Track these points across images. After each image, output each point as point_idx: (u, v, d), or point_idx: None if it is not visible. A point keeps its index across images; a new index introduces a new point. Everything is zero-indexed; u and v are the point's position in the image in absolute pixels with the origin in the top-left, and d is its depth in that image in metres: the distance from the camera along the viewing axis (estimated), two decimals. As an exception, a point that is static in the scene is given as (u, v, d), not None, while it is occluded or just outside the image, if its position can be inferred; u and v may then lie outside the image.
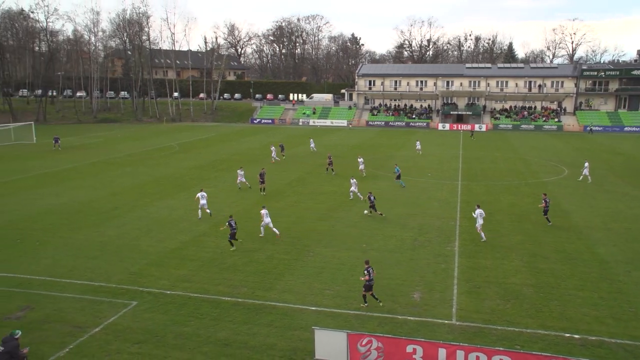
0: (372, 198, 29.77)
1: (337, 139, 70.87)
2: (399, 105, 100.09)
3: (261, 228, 26.00)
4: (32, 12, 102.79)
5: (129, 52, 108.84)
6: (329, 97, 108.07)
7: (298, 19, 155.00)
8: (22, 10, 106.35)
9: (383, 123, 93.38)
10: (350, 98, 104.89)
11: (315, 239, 25.82)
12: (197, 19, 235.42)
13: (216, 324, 16.89)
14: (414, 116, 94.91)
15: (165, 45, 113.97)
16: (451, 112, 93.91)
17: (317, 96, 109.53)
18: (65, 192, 35.66)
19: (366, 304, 18.14)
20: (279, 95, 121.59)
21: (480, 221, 25.34)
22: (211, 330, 16.48)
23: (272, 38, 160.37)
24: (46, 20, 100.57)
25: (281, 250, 24.02)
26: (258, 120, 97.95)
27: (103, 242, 24.85)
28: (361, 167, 43.12)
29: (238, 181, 37.16)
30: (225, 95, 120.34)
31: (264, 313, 17.66)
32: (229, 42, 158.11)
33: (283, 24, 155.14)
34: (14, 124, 68.43)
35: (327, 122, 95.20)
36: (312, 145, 58.26)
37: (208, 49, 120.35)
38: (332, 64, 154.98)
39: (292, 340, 15.91)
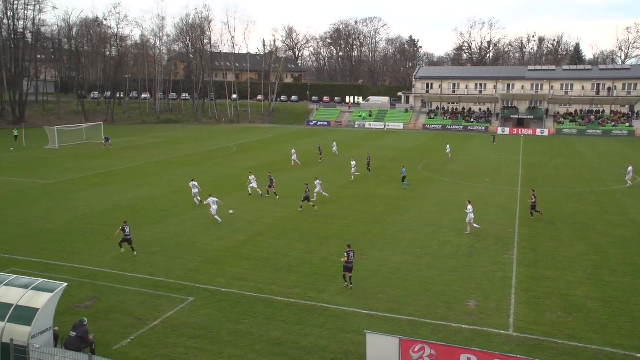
0: (307, 190, 31.97)
1: (392, 142, 70.22)
2: (456, 109, 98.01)
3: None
4: (105, 20, 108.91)
5: (191, 56, 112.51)
6: (385, 99, 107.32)
7: (356, 22, 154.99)
8: (97, 18, 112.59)
9: (440, 126, 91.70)
10: (407, 101, 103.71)
11: (369, 242, 25.68)
12: (256, 23, 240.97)
13: (269, 323, 17.11)
14: (472, 120, 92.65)
15: (226, 49, 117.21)
16: (511, 116, 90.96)
17: (373, 99, 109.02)
18: (130, 190, 37.23)
19: (345, 284, 20.01)
20: (336, 98, 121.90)
21: (471, 216, 26.79)
22: (264, 329, 16.71)
23: (329, 41, 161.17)
24: (117, 26, 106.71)
25: (335, 252, 24.04)
26: (314, 122, 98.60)
27: (163, 239, 25.75)
28: (353, 169, 43.14)
29: (250, 187, 35.57)
30: (282, 98, 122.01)
31: (316, 314, 17.71)
32: (287, 45, 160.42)
33: (341, 27, 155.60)
34: (86, 124, 72.20)
35: (383, 125, 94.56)
36: (335, 148, 57.56)
37: (266, 51, 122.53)
38: (389, 67, 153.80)
39: (343, 343, 15.88)
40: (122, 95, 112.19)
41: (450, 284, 20.40)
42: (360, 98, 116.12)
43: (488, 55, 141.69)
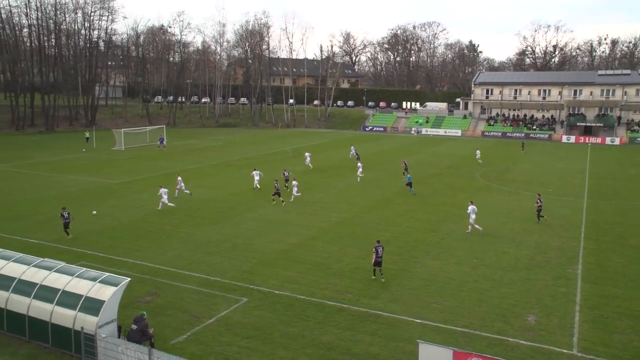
0: (276, 185, 34.46)
1: (449, 149, 68.91)
2: (517, 115, 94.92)
3: None
4: (170, 27, 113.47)
5: (250, 61, 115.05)
6: (443, 105, 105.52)
7: (414, 27, 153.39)
8: (162, 26, 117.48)
9: (500, 134, 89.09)
10: (466, 107, 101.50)
11: (424, 250, 25.33)
12: (314, 28, 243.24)
13: (321, 327, 17.21)
14: (534, 127, 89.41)
15: (283, 54, 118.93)
16: (578, 124, 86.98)
17: (430, 104, 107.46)
18: (190, 190, 38.44)
19: (374, 277, 21.12)
20: (392, 103, 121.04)
21: (473, 216, 27.70)
22: (316, 333, 16.82)
23: (386, 46, 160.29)
24: (180, 33, 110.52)
25: (388, 259, 23.83)
26: (370, 127, 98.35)
27: (220, 240, 26.45)
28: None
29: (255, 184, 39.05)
30: (339, 103, 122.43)
31: (368, 321, 17.66)
32: (344, 50, 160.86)
33: (398, 32, 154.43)
34: (150, 127, 75.26)
35: (440, 132, 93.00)
36: (353, 151, 57.35)
37: (323, 57, 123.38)
38: (448, 72, 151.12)
39: (395, 351, 15.74)
40: (183, 100, 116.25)
41: (507, 296, 19.79)
42: (417, 104, 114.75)
43: (553, 60, 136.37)
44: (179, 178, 36.53)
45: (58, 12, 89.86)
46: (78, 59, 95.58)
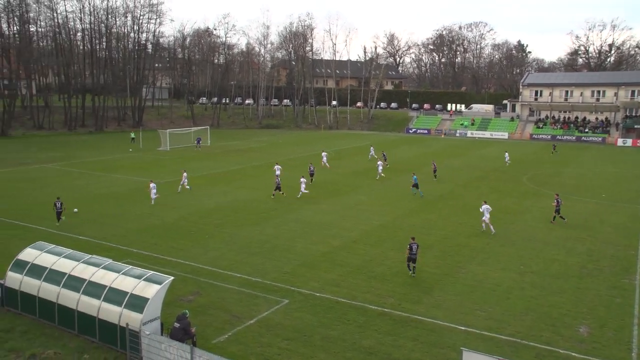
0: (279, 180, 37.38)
1: (495, 152, 67.26)
2: (568, 118, 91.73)
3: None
4: (215, 29, 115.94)
5: (293, 63, 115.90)
6: (489, 107, 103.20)
7: (460, 27, 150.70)
8: (208, 28, 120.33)
9: (549, 137, 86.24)
10: (513, 109, 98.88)
11: (468, 255, 24.79)
12: (357, 30, 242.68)
13: (362, 331, 17.07)
14: (586, 130, 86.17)
15: (327, 56, 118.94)
16: (635, 126, 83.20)
17: (476, 106, 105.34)
18: (232, 192, 39.09)
19: (410, 272, 21.81)
20: (436, 105, 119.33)
21: (487, 215, 28.32)
22: (356, 336, 16.70)
23: (431, 47, 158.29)
24: (225, 35, 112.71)
25: (431, 263, 23.48)
26: (413, 130, 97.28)
27: (261, 241, 26.69)
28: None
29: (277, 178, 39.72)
30: (382, 104, 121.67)
31: (410, 327, 17.39)
32: (387, 51, 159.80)
33: (444, 33, 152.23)
34: (194, 128, 76.92)
35: (486, 134, 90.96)
36: (372, 152, 58.41)
37: (367, 58, 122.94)
38: (495, 73, 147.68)
39: (437, 358, 15.43)
40: (227, 101, 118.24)
41: (557, 305, 19.08)
42: (463, 106, 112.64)
43: (608, 60, 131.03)
44: (185, 174, 38.29)
45: (109, 16, 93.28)
46: (127, 61, 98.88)
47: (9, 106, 78.50)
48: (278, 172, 41.89)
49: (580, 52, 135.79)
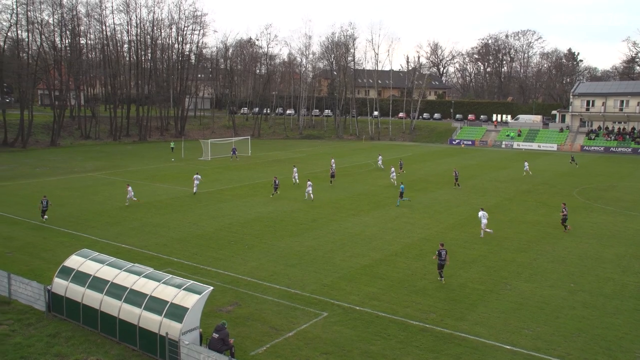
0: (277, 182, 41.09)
1: (544, 164, 65.40)
2: (624, 129, 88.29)
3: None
4: (257, 40, 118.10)
5: (335, 73, 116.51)
6: (537, 118, 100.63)
7: (507, 36, 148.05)
8: (250, 38, 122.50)
9: (602, 148, 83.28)
10: (563, 120, 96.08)
11: (514, 271, 24.09)
12: (400, 39, 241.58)
13: (402, 347, 16.80)
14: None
15: (369, 66, 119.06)
16: (695, 138, 79.33)
17: (523, 117, 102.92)
18: (272, 202, 39.41)
19: (440, 279, 22.56)
20: (481, 116, 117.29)
21: (484, 221, 29.67)
22: (397, 352, 16.44)
23: (476, 56, 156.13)
24: (267, 46, 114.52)
25: (475, 279, 22.95)
26: (457, 141, 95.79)
27: (301, 252, 26.75)
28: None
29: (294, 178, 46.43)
30: (425, 115, 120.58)
31: (453, 344, 17.00)
32: (431, 61, 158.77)
33: (489, 41, 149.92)
34: (235, 138, 78.16)
35: (534, 145, 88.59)
36: (380, 162, 59.60)
37: (410, 68, 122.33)
38: (543, 83, 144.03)
39: (482, 378, 14.99)
40: (268, 111, 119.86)
41: (613, 327, 18.26)
42: (509, 116, 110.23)
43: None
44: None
45: (155, 28, 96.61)
46: (170, 72, 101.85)
47: (59, 117, 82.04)
48: (296, 176, 47.44)
49: (637, 59, 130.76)
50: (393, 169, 49.71)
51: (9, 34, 78.62)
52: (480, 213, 30.17)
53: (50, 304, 18.75)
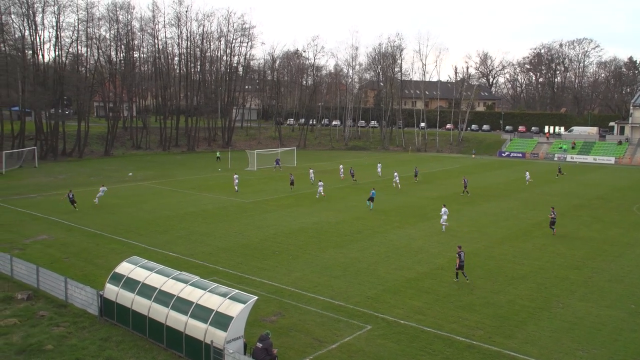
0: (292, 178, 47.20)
1: (599, 178, 62.92)
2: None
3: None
4: (304, 51, 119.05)
5: (382, 84, 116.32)
6: (593, 130, 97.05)
7: (561, 45, 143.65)
8: (297, 50, 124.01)
9: (665, 162, 79.40)
10: (622, 132, 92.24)
11: (567, 289, 23.25)
12: (448, 50, 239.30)
13: (448, 364, 16.49)
14: None
15: (416, 76, 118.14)
16: None
17: (577, 129, 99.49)
18: (316, 213, 39.59)
19: (457, 280, 23.87)
20: (532, 128, 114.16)
21: (444, 217, 33.33)
22: (442, 369, 16.14)
23: (528, 66, 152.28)
24: (314, 57, 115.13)
25: (525, 295, 22.28)
26: (507, 153, 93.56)
27: (345, 264, 26.73)
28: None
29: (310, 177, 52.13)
30: (473, 127, 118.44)
31: (501, 363, 16.54)
32: (480, 71, 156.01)
33: (542, 51, 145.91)
34: (281, 149, 79.18)
35: (589, 159, 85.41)
36: (379, 170, 62.58)
37: (458, 79, 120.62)
38: (599, 93, 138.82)
39: (532, 400, 14.51)
40: (314, 122, 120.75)
41: (674, 352, 17.32)
42: (562, 128, 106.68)
43: None
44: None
45: (204, 40, 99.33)
46: (219, 84, 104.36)
47: (113, 128, 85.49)
48: (312, 177, 53.76)
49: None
50: (396, 174, 53.81)
51: (70, 49, 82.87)
52: (443, 210, 34.03)
53: (103, 308, 19.46)
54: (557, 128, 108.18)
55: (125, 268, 19.64)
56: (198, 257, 27.68)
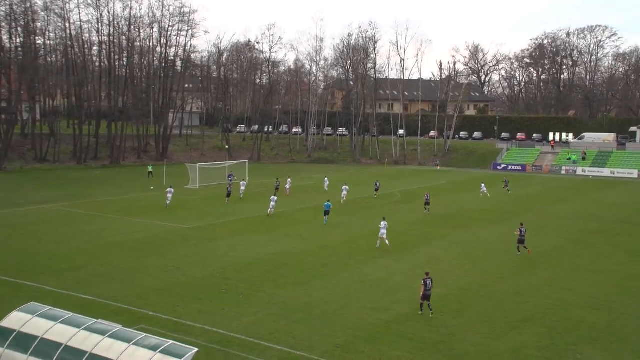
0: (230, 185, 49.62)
1: (620, 196, 64.62)
2: None
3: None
4: (258, 43, 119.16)
5: (352, 83, 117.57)
6: (609, 137, 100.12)
7: (568, 34, 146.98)
8: (249, 41, 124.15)
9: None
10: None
11: (585, 335, 23.41)
12: (432, 41, 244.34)
13: None
14: None
15: (393, 74, 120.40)
16: None
17: (589, 135, 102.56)
18: (274, 241, 39.17)
19: (421, 313, 24.84)
20: (534, 135, 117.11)
21: (383, 231, 36.52)
22: None
23: (528, 60, 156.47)
24: (270, 50, 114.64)
25: (531, 343, 22.32)
26: (503, 166, 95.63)
27: (308, 304, 26.37)
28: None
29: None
30: (462, 134, 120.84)
31: None
32: (470, 67, 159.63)
33: (545, 42, 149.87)
34: (229, 162, 78.46)
35: (605, 172, 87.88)
36: (326, 183, 65.96)
37: (443, 77, 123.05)
38: (617, 92, 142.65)
39: None
40: (270, 130, 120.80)
41: None
42: (570, 135, 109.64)
43: None
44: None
45: (132, 27, 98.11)
46: (151, 81, 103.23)
47: (6, 134, 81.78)
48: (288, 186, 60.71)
49: None
50: (346, 187, 57.44)
51: None
52: (382, 223, 36.94)
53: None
54: (564, 135, 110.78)
55: (15, 320, 18.45)
56: (121, 300, 26.79)
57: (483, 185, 62.10)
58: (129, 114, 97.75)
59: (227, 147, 74.67)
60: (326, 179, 67.86)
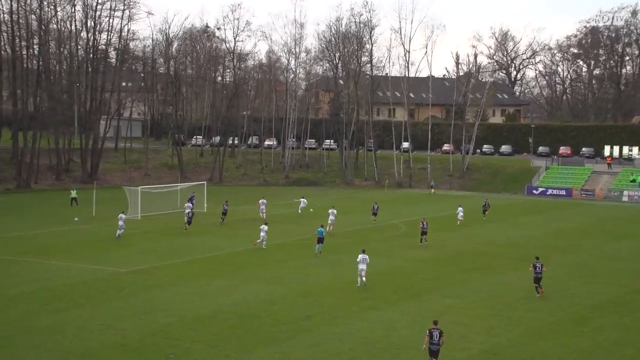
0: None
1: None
2: None
3: None
4: (219, 29, 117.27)
5: (341, 82, 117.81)
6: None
7: (634, 12, 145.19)
8: (207, 27, 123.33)
9: None
10: None
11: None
12: (445, 27, 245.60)
13: None
14: None
15: (394, 71, 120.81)
16: None
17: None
18: (239, 287, 39.05)
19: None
20: (583, 149, 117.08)
21: (361, 266, 38.58)
22: None
23: (575, 50, 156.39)
24: (235, 38, 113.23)
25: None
26: (541, 189, 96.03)
27: (285, 371, 26.34)
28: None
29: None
30: (485, 148, 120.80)
31: None
32: (496, 61, 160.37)
33: (600, 24, 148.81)
34: (182, 185, 78.22)
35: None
36: (303, 204, 70.80)
37: (461, 73, 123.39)
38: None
39: None
40: (235, 142, 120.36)
41: None
42: (635, 149, 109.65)
43: None
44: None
45: (45, 3, 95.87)
46: (75, 77, 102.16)
47: None
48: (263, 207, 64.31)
49: None
50: (333, 210, 60.03)
51: None
52: (360, 257, 38.71)
53: None
54: (625, 149, 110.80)
55: None
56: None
57: (460, 208, 64.12)
58: (44, 120, 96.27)
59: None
60: (303, 199, 71.08)
